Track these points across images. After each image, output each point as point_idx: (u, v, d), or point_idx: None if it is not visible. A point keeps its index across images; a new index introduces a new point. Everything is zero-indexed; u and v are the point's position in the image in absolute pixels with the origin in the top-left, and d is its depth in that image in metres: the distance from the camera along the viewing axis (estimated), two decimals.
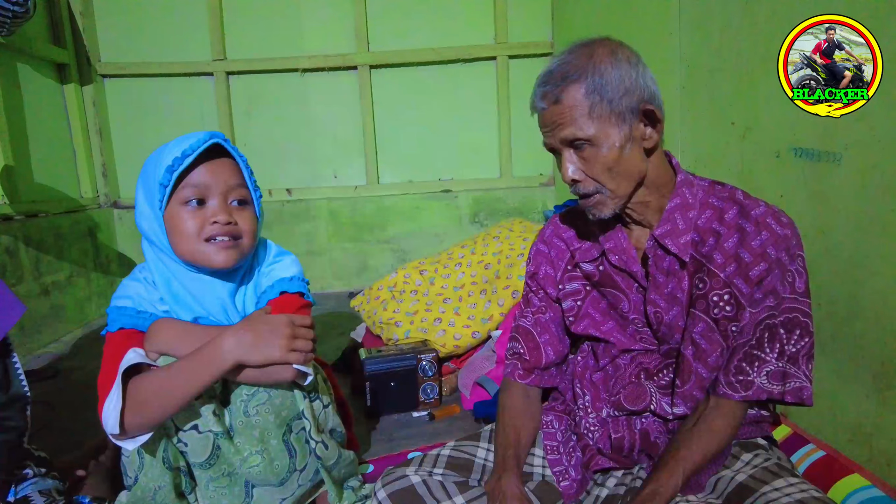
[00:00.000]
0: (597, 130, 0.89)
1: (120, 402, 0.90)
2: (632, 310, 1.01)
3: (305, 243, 3.54)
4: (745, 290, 0.90)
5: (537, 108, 0.94)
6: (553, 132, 0.92)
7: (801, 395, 0.89)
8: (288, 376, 1.00)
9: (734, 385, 0.91)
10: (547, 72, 0.92)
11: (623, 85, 0.88)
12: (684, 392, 0.95)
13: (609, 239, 1.01)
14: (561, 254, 1.09)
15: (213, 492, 1.03)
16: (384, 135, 3.56)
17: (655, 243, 0.97)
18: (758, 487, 0.86)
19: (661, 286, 0.97)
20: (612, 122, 0.89)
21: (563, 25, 3.24)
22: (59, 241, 2.86)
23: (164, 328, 1.00)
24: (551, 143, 0.94)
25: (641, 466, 0.99)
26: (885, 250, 1.15)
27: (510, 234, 2.37)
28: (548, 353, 1.09)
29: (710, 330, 0.93)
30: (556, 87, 0.90)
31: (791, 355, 0.90)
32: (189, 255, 1.00)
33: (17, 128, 2.73)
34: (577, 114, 0.89)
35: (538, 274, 1.11)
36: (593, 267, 1.04)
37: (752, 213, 0.91)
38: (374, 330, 2.26)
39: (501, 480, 0.95)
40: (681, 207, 0.95)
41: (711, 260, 0.93)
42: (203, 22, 3.38)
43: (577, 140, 0.90)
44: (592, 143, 0.90)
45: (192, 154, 0.97)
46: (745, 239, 0.90)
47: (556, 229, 1.12)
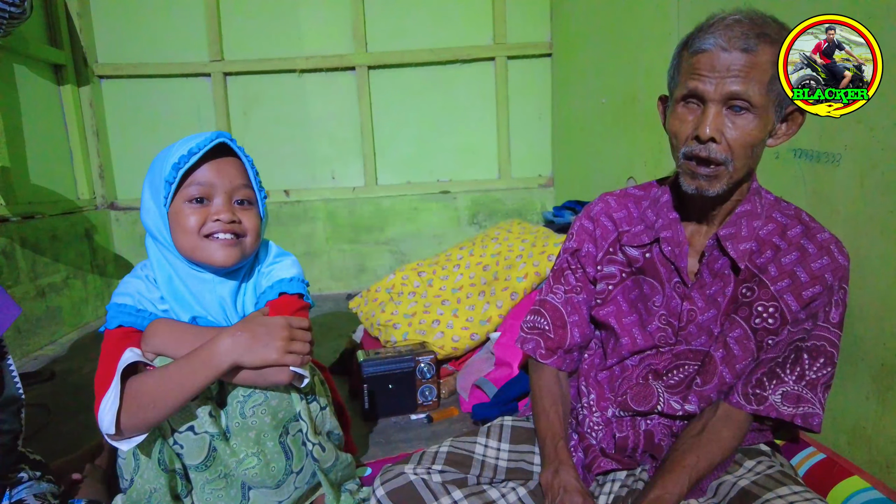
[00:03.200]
0: (766, 102, 0.83)
1: (117, 402, 0.90)
2: (662, 304, 0.99)
3: (303, 245, 3.54)
4: (794, 307, 0.90)
5: (718, 48, 0.82)
6: (723, 79, 0.82)
7: (810, 422, 0.89)
8: (284, 378, 1.00)
9: (749, 397, 0.91)
10: (738, 14, 0.83)
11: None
12: (702, 392, 0.95)
13: (666, 228, 0.98)
14: (606, 233, 1.05)
15: (209, 494, 1.02)
16: (382, 136, 3.56)
17: (716, 243, 0.95)
18: (761, 494, 0.85)
19: (706, 286, 0.96)
20: (772, 103, 0.85)
21: (562, 26, 3.24)
22: (56, 242, 2.84)
23: (161, 329, 1.00)
24: (705, 89, 0.83)
25: (644, 468, 0.99)
26: (884, 251, 1.14)
27: (509, 236, 2.37)
28: (574, 334, 1.06)
29: (747, 338, 0.92)
30: (755, 37, 0.81)
31: (810, 381, 0.90)
32: (190, 251, 1.00)
33: (14, 129, 2.72)
34: (760, 75, 0.81)
35: (580, 251, 1.07)
36: (639, 253, 1.01)
37: (817, 237, 0.91)
38: (372, 332, 2.25)
39: (560, 474, 0.92)
40: (748, 214, 0.94)
41: (765, 271, 0.92)
42: (200, 23, 3.37)
43: (744, 101, 0.82)
44: (755, 113, 0.83)
45: (199, 152, 0.99)
46: (805, 259, 0.90)
47: (606, 207, 1.07)
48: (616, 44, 2.46)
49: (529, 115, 3.54)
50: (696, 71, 0.85)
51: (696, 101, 0.87)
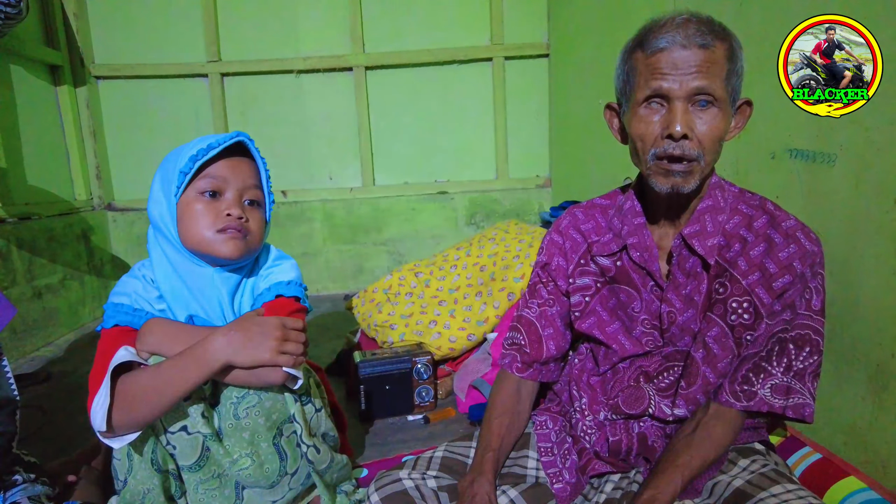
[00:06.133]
0: (726, 95, 0.85)
1: (108, 399, 0.90)
2: (643, 310, 0.99)
3: (301, 245, 3.53)
4: (766, 300, 0.89)
5: (676, 46, 0.83)
6: (688, 76, 0.83)
7: (802, 412, 0.88)
8: (277, 379, 0.99)
9: (738, 394, 0.90)
10: (689, 15, 0.84)
11: (743, 68, 0.86)
12: (688, 394, 0.95)
13: (633, 234, 0.98)
14: (576, 246, 1.06)
15: (203, 494, 1.02)
16: (380, 136, 3.56)
17: (682, 242, 0.95)
18: (755, 493, 0.85)
19: (681, 287, 0.95)
20: (730, 96, 0.86)
21: (559, 26, 3.24)
22: (52, 243, 2.84)
23: (155, 327, 1.00)
24: (670, 87, 0.84)
25: (638, 470, 0.99)
26: (879, 251, 1.14)
27: (506, 236, 2.36)
28: (549, 347, 1.07)
29: (724, 335, 0.92)
30: (710, 33, 0.83)
31: (797, 371, 0.89)
32: (196, 244, 1.01)
33: (10, 130, 2.72)
34: (718, 70, 0.83)
35: (550, 265, 1.08)
36: (610, 262, 1.02)
37: (782, 225, 0.91)
38: (369, 333, 2.25)
39: (474, 484, 0.93)
40: (711, 210, 0.94)
41: (735, 266, 0.91)
42: (197, 23, 3.37)
43: (709, 96, 0.83)
44: (718, 107, 0.85)
45: (218, 147, 1.01)
46: (772, 249, 0.90)
47: (573, 220, 1.08)
48: (613, 44, 2.46)
49: (527, 115, 3.54)
50: (657, 70, 0.84)
51: (660, 100, 0.86)
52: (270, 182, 1.11)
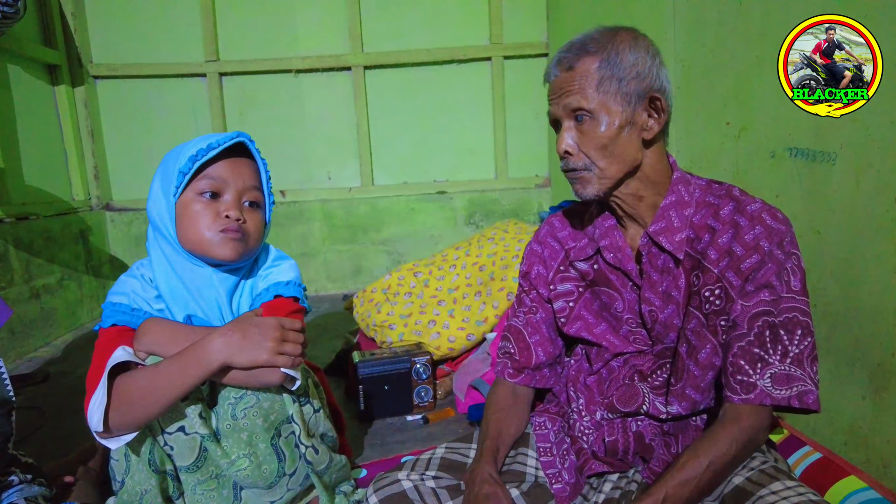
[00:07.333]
0: (600, 104, 0.90)
1: (105, 399, 0.90)
2: (626, 309, 1.00)
3: (299, 245, 3.53)
4: (735, 282, 0.89)
5: (551, 75, 0.95)
6: (559, 99, 0.93)
7: (806, 401, 0.85)
8: (275, 379, 0.99)
9: (733, 387, 0.88)
10: (569, 43, 0.94)
11: (636, 68, 0.89)
12: (678, 390, 0.94)
13: (604, 237, 1.01)
14: (554, 254, 1.09)
15: (201, 495, 1.02)
16: (379, 136, 3.55)
17: (649, 241, 0.96)
18: (755, 490, 0.84)
19: (656, 284, 0.96)
20: (617, 100, 0.90)
21: (558, 26, 3.24)
22: (50, 243, 2.83)
23: (153, 327, 0.99)
24: (555, 111, 0.95)
25: (637, 469, 0.98)
26: (880, 250, 1.14)
27: (505, 236, 2.36)
28: (538, 353, 1.08)
29: (701, 325, 0.92)
30: (573, 55, 0.91)
31: (795, 357, 0.87)
32: (194, 244, 1.00)
33: (8, 130, 2.71)
34: (585, 83, 0.90)
35: (530, 274, 1.11)
36: (588, 266, 1.04)
37: (747, 209, 0.91)
38: (368, 333, 2.25)
39: (474, 469, 0.96)
40: (676, 205, 0.95)
41: (706, 256, 0.92)
42: (196, 23, 3.37)
43: (580, 111, 0.91)
44: (593, 117, 0.90)
45: (218, 147, 1.00)
46: (738, 233, 0.90)
47: (550, 229, 1.11)
48: None
49: (526, 114, 3.53)
50: (548, 97, 0.97)
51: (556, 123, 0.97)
52: (271, 183, 1.10)
